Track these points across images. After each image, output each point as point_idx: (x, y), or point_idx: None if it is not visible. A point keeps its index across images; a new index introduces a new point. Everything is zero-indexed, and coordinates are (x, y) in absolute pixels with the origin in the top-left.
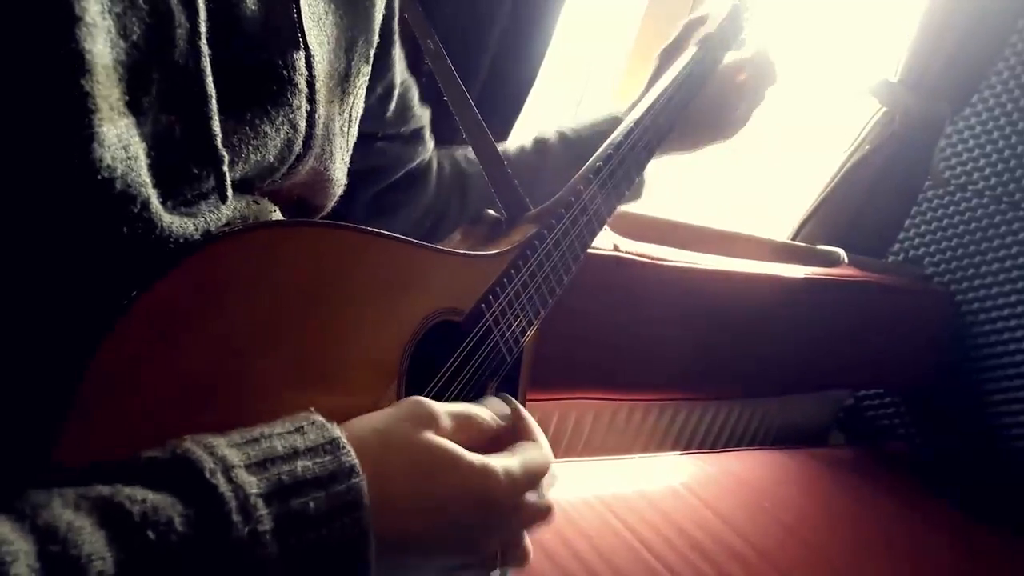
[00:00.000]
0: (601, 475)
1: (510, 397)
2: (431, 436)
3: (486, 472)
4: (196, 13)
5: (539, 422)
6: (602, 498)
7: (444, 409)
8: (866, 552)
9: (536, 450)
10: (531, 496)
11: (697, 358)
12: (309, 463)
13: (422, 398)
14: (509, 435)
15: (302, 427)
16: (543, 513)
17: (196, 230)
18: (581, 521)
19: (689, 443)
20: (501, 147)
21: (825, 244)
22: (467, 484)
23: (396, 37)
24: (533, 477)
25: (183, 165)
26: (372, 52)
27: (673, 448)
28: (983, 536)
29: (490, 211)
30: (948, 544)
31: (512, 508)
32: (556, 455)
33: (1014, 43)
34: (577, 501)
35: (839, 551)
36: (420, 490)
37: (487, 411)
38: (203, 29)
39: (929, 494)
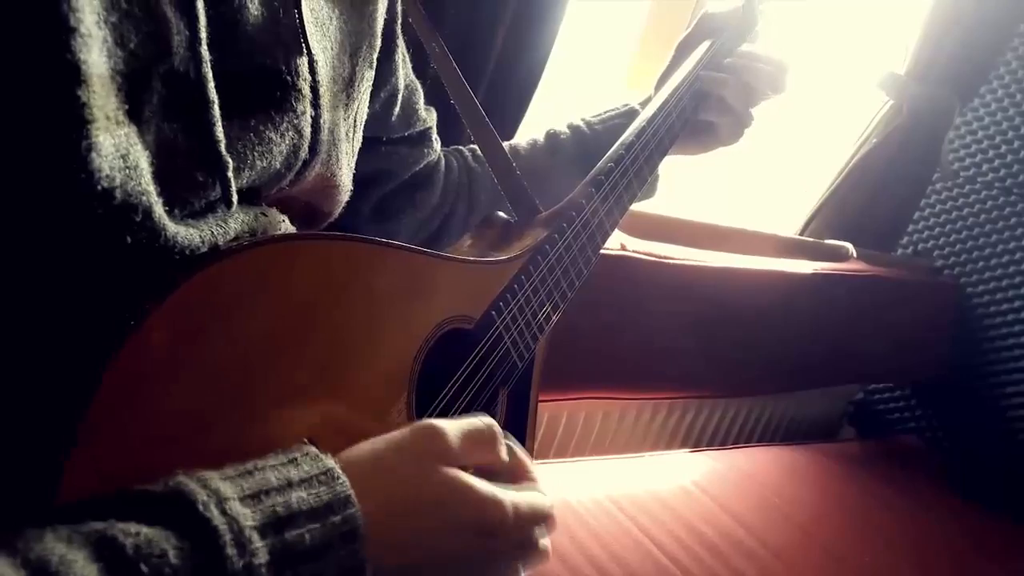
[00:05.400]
0: (611, 474)
1: (512, 437)
2: (444, 471)
3: (496, 502)
4: (196, 20)
5: (548, 422)
6: (612, 497)
7: (455, 432)
8: (878, 547)
9: (540, 493)
10: (533, 533)
11: (706, 356)
12: (304, 494)
13: (433, 423)
14: (510, 468)
15: (295, 458)
16: (542, 553)
17: (202, 242)
18: (591, 520)
19: (698, 441)
20: (511, 143)
21: (833, 239)
22: (475, 514)
23: (399, 41)
24: (538, 514)
25: (188, 173)
26: (375, 57)
27: (682, 446)
28: (996, 528)
29: (500, 213)
30: (961, 537)
31: (516, 542)
32: (565, 455)
33: (1022, 32)
34: (587, 500)
35: (851, 546)
36: (430, 520)
37: (497, 430)
38: (203, 35)
39: (940, 487)
